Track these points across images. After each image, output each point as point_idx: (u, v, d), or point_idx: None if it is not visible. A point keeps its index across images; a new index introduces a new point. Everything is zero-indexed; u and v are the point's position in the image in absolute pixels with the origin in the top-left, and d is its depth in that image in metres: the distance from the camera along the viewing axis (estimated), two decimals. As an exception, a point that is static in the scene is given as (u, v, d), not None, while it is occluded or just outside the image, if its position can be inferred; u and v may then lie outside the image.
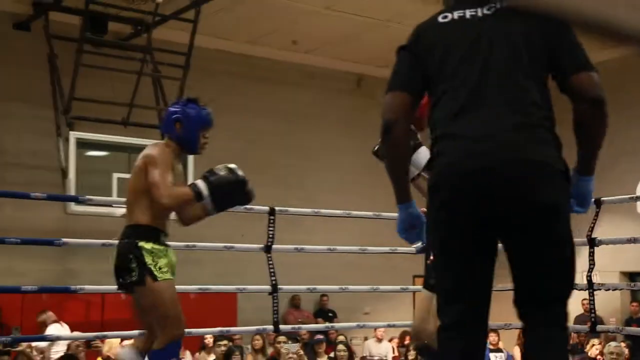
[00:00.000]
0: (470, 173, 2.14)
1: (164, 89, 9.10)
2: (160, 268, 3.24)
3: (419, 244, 2.52)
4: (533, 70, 2.20)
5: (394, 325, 6.30)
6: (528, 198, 2.13)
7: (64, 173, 8.34)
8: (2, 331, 7.89)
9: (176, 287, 3.48)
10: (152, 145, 3.41)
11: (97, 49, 8.77)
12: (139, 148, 8.74)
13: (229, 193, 3.40)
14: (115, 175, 8.53)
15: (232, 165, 3.44)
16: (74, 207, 8.01)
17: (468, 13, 2.27)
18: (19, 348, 6.63)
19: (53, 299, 8.55)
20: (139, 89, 8.72)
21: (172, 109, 3.49)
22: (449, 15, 2.29)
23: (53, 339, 5.28)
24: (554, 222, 2.16)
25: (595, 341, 7.72)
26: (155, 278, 3.21)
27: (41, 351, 7.05)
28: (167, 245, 3.36)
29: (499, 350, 9.20)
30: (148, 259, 3.21)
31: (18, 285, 5.03)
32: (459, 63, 2.23)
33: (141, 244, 3.23)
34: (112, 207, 8.18)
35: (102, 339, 7.26)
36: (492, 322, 5.39)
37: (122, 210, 8.11)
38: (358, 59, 11.42)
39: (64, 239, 4.70)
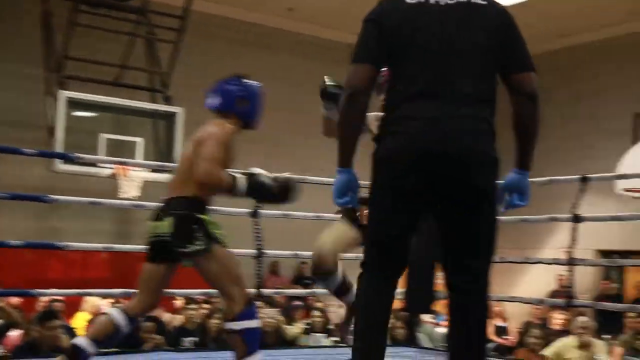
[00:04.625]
0: (421, 153, 2.34)
1: (157, 52, 9.10)
2: (222, 235, 3.29)
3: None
4: (487, 65, 2.42)
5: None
6: (467, 181, 2.36)
7: (51, 131, 8.35)
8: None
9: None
10: (216, 121, 3.38)
11: (92, 9, 8.74)
12: (128, 109, 8.89)
13: (265, 196, 3.46)
14: (103, 136, 8.57)
15: (284, 176, 3.49)
16: (60, 165, 8.03)
17: None
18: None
19: (35, 256, 8.62)
20: (132, 51, 8.71)
21: (230, 86, 3.46)
22: None
23: (35, 295, 5.33)
24: (485, 204, 2.41)
25: (558, 315, 7.91)
26: (222, 244, 3.26)
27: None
28: None
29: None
30: (212, 228, 3.25)
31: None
32: (422, 49, 2.38)
33: (201, 216, 3.25)
34: (98, 166, 8.25)
35: (84, 296, 7.38)
36: (496, 294, 5.55)
37: (108, 171, 8.29)
38: (353, 29, 11.44)
39: (53, 196, 4.72)
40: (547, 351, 6.31)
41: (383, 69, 2.51)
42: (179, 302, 8.02)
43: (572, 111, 11.38)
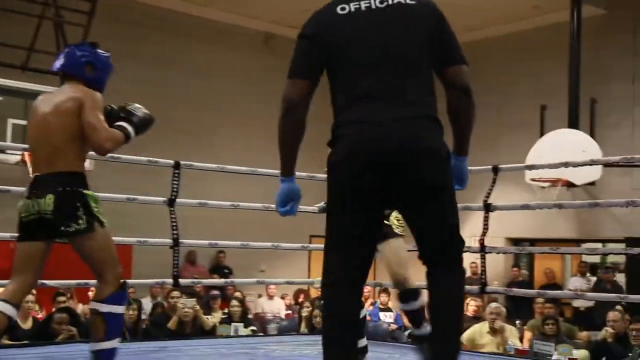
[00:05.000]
0: (370, 155, 2.41)
1: (67, 35, 8.82)
2: (102, 214, 3.23)
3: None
4: (424, 62, 2.50)
5: (292, 282, 6.45)
6: (418, 178, 2.44)
7: (-45, 116, 8.01)
8: None
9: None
10: (74, 88, 3.30)
11: (-4, -11, 8.41)
12: (37, 94, 8.53)
13: (147, 127, 3.48)
14: (11, 121, 8.29)
15: (140, 106, 3.50)
16: (-35, 152, 7.72)
17: (363, 5, 2.50)
18: None
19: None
20: (40, 34, 8.42)
21: (79, 52, 3.39)
22: (346, 7, 2.51)
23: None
24: (443, 198, 2.50)
25: (471, 302, 8.11)
26: (102, 224, 3.21)
27: None
28: None
29: (388, 309, 9.55)
30: (94, 205, 3.19)
31: None
32: (360, 55, 2.46)
33: (85, 192, 3.19)
34: (7, 153, 7.96)
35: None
36: (386, 281, 5.64)
37: (16, 157, 8.00)
38: (268, 17, 11.41)
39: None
40: (461, 337, 6.46)
41: None
42: (92, 293, 7.83)
43: (483, 103, 11.59)
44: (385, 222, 3.74)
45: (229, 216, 8.65)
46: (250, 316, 8.58)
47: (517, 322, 7.69)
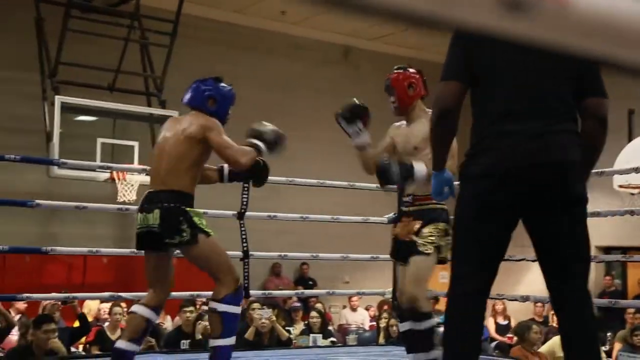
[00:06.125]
0: (523, 165, 2.49)
1: (151, 56, 9.16)
2: (206, 226, 3.53)
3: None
4: (569, 85, 2.59)
5: (363, 293, 6.45)
6: (567, 190, 2.54)
7: (49, 137, 8.40)
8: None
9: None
10: (197, 116, 3.62)
11: (85, 14, 8.81)
12: (124, 114, 8.94)
13: (280, 145, 3.85)
14: (100, 140, 8.63)
15: (269, 125, 3.88)
16: (57, 170, 8.07)
17: None
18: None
19: (34, 261, 8.66)
20: (126, 55, 8.77)
21: (203, 86, 3.72)
22: None
23: (23, 299, 5.38)
24: (582, 209, 2.60)
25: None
26: (207, 234, 3.50)
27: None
28: None
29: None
30: (197, 219, 3.48)
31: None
32: (509, 71, 2.56)
33: (188, 209, 3.49)
34: (96, 171, 8.30)
35: (79, 299, 7.40)
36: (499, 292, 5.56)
37: (105, 175, 8.34)
38: (345, 30, 11.48)
39: (38, 201, 4.74)
40: (542, 348, 6.31)
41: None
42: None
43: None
44: (414, 237, 3.71)
45: (309, 228, 8.72)
46: (332, 327, 8.61)
47: (608, 333, 7.42)
